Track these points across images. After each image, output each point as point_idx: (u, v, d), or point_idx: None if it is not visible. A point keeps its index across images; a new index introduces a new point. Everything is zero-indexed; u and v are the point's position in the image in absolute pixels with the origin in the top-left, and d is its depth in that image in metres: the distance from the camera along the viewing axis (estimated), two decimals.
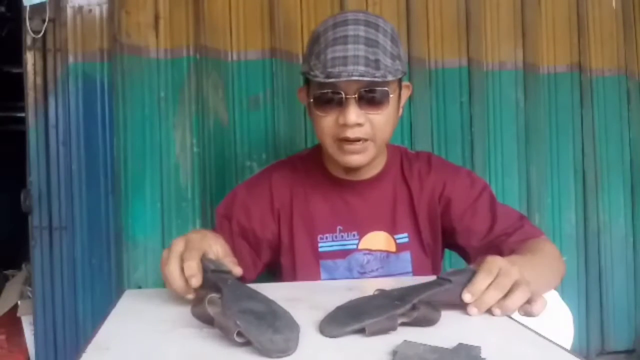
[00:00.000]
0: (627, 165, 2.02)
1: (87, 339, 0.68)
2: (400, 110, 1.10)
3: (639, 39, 2.03)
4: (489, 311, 0.75)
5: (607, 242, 2.00)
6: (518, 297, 0.74)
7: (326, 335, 0.66)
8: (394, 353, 0.60)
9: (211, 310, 0.66)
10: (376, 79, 0.96)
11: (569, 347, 0.87)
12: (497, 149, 1.89)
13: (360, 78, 0.95)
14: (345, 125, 1.00)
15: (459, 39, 1.86)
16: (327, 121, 1.02)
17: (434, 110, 1.84)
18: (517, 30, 1.91)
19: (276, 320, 0.64)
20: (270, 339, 0.60)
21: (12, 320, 1.80)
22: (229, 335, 0.61)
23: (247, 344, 0.61)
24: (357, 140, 1.01)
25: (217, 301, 0.68)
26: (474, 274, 0.76)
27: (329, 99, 1.00)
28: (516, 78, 1.90)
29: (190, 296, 0.78)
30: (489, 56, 1.88)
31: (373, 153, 1.06)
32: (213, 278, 0.75)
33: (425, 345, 0.62)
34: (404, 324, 0.68)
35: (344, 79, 0.95)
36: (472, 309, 0.74)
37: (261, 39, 1.71)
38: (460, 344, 0.62)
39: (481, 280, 0.75)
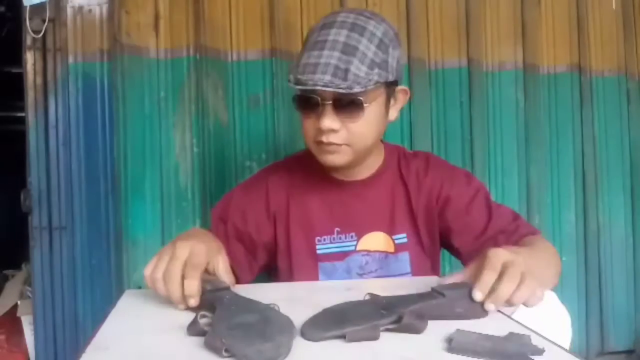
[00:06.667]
0: (627, 166, 2.02)
1: (87, 339, 0.68)
2: (395, 114, 1.09)
3: (638, 40, 2.02)
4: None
5: (607, 242, 2.00)
6: (525, 290, 0.73)
7: (307, 339, 0.66)
8: (449, 340, 0.62)
9: (205, 328, 0.66)
10: (340, 90, 0.95)
11: (567, 348, 0.87)
12: (496, 149, 1.89)
13: (324, 88, 0.94)
14: (321, 130, 1.00)
15: (459, 39, 1.86)
16: (308, 123, 1.03)
17: (434, 111, 1.83)
18: (517, 31, 1.91)
19: (267, 328, 0.64)
20: (258, 349, 0.59)
21: (12, 320, 1.79)
22: (218, 354, 0.60)
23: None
24: (331, 144, 1.01)
25: (209, 320, 0.68)
26: (470, 289, 0.75)
27: (307, 102, 1.00)
28: (516, 78, 1.90)
29: (182, 307, 0.78)
30: (489, 56, 1.88)
31: (351, 157, 1.05)
32: (210, 298, 0.75)
33: (478, 333, 0.64)
34: (388, 330, 0.68)
35: (309, 87, 0.95)
36: (489, 305, 0.73)
37: (261, 39, 1.71)
38: (510, 333, 0.65)
39: (488, 276, 0.74)
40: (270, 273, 1.19)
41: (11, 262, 2.43)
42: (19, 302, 1.79)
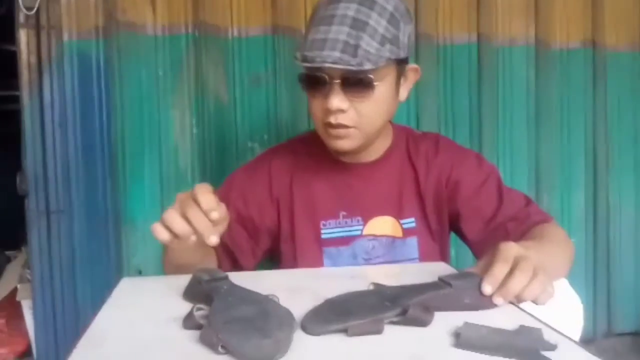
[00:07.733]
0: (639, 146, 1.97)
1: (86, 324, 0.66)
2: (405, 94, 1.05)
3: None
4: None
5: (617, 223, 1.98)
6: (536, 286, 0.70)
7: (307, 333, 0.63)
8: (457, 335, 0.60)
9: (201, 321, 0.64)
10: (350, 67, 0.90)
11: (577, 336, 0.85)
12: (506, 128, 1.85)
13: (333, 65, 0.90)
14: (329, 110, 0.96)
15: (468, 13, 1.79)
16: (315, 103, 0.99)
17: (442, 89, 1.78)
18: (530, 5, 1.84)
19: (266, 322, 0.61)
20: (258, 345, 0.56)
21: (12, 304, 1.78)
22: (214, 350, 0.58)
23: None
24: (340, 126, 0.98)
25: (205, 313, 0.66)
26: (478, 279, 0.72)
27: (313, 81, 0.96)
28: (527, 54, 1.85)
29: (214, 239, 0.78)
30: (500, 32, 1.82)
31: (360, 140, 1.01)
32: (207, 288, 0.72)
33: (487, 327, 0.62)
34: (392, 323, 0.65)
35: (317, 64, 0.91)
36: (498, 299, 0.70)
37: (263, 15, 1.65)
38: (521, 326, 0.63)
39: (499, 269, 0.71)
40: (273, 258, 1.16)
41: (13, 243, 2.42)
42: (18, 286, 1.77)
